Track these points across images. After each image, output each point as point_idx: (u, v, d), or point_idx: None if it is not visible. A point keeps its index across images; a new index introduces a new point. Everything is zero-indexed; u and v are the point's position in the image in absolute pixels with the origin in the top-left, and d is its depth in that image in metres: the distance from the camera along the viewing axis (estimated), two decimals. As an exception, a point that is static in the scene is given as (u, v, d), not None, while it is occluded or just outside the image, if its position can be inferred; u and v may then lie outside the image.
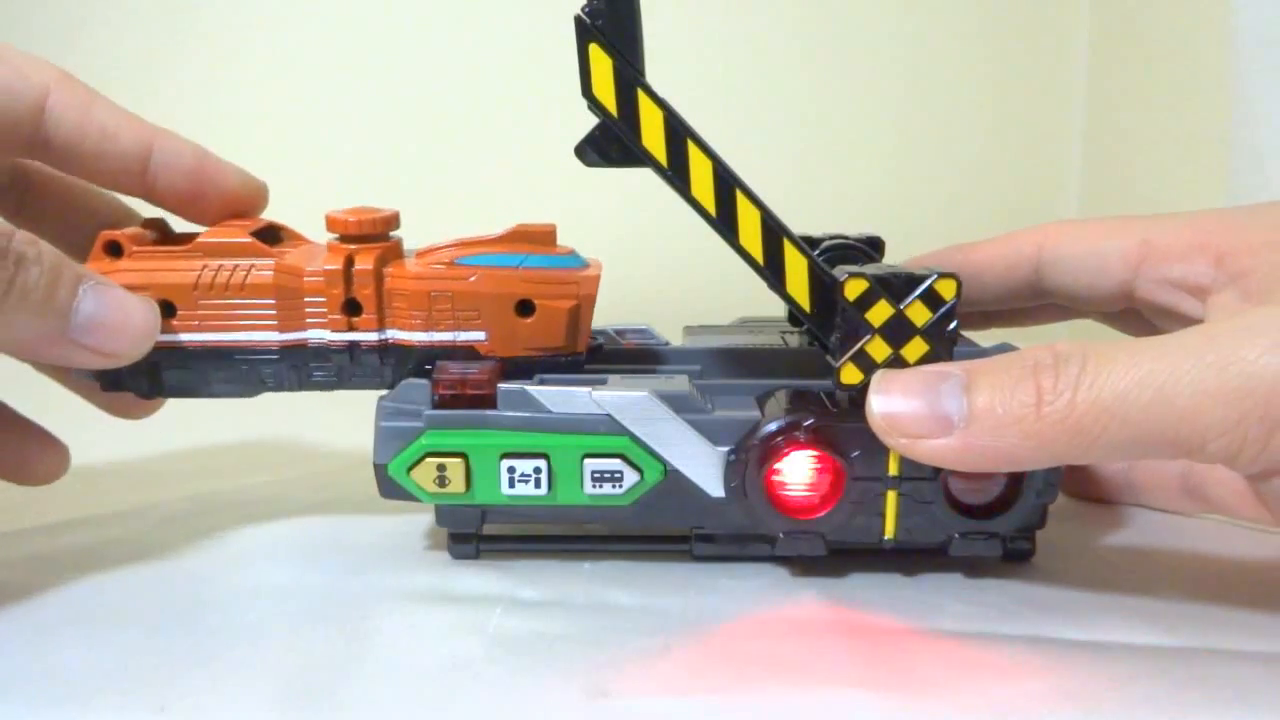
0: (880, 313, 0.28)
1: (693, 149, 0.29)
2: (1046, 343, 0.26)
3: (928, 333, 0.28)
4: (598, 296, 0.32)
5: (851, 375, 0.29)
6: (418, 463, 0.30)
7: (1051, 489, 0.30)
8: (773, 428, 0.30)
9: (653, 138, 0.29)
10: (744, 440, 0.30)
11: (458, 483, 0.31)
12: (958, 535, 0.30)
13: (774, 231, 0.29)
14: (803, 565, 0.32)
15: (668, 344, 0.36)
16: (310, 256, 0.32)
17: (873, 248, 0.35)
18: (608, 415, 0.30)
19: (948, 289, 0.28)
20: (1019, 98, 0.84)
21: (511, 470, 0.30)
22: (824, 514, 0.30)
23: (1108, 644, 0.27)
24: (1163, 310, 0.33)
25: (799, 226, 0.31)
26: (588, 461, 0.30)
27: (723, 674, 0.26)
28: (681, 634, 0.28)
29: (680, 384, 0.31)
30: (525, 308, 0.31)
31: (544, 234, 0.32)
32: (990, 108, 0.84)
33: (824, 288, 0.29)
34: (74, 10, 0.81)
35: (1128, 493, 0.37)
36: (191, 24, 0.81)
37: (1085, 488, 0.37)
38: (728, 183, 0.29)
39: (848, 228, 0.36)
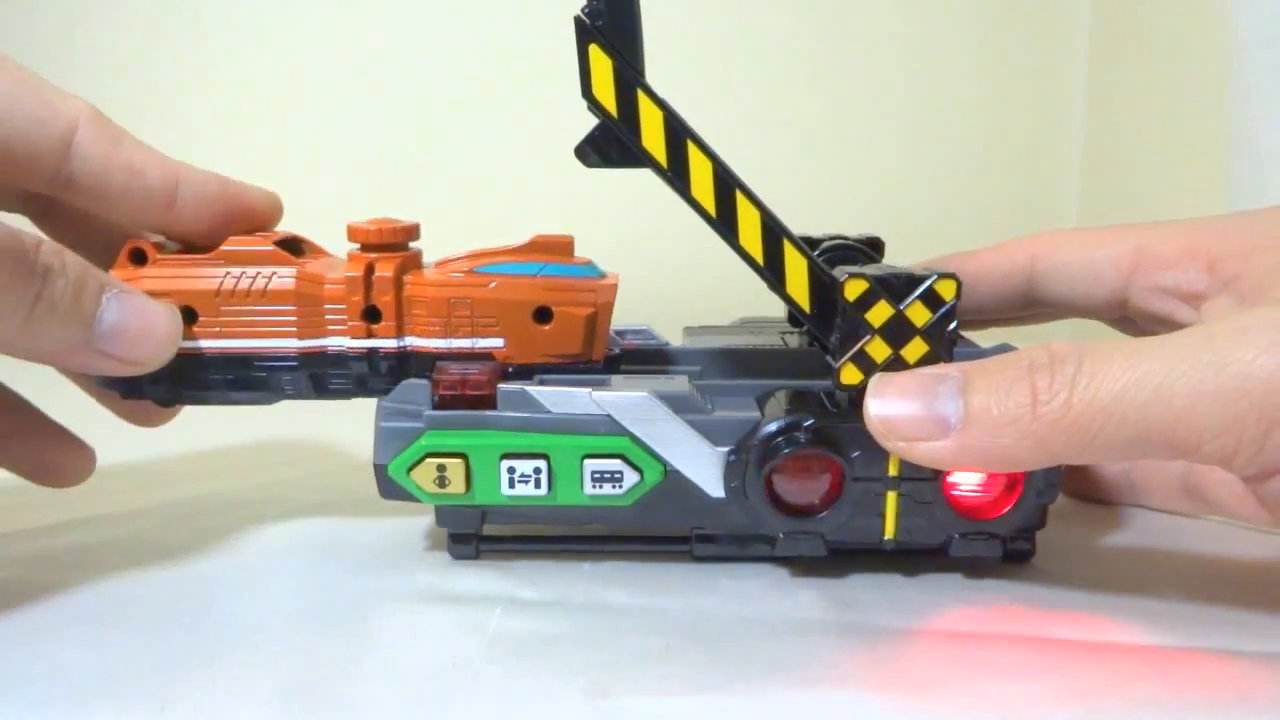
0: (880, 313, 0.28)
1: (693, 150, 0.29)
2: (1047, 342, 0.26)
3: (928, 333, 0.28)
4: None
5: (851, 375, 0.29)
6: (418, 463, 0.31)
7: (1051, 489, 0.30)
8: (773, 428, 0.30)
9: (653, 138, 0.29)
10: (744, 440, 0.30)
11: (458, 483, 0.31)
12: (958, 536, 0.30)
13: (774, 232, 0.29)
14: (803, 565, 0.32)
15: (667, 344, 0.36)
16: (331, 266, 0.32)
17: (873, 248, 0.35)
18: (608, 415, 0.30)
19: (947, 289, 0.28)
20: (1019, 97, 0.84)
21: (511, 471, 0.30)
22: (824, 514, 0.30)
23: (1108, 644, 0.27)
24: (1157, 318, 0.33)
25: (799, 227, 0.31)
26: (588, 462, 0.30)
27: (723, 674, 0.26)
28: (681, 634, 0.28)
29: (680, 384, 0.31)
30: (543, 315, 0.32)
31: (562, 244, 0.32)
32: (990, 108, 0.84)
33: (824, 288, 0.30)
34: (74, 11, 0.81)
35: (1128, 493, 0.37)
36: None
37: (1085, 488, 0.37)
38: (728, 183, 0.29)
39: (848, 228, 0.36)
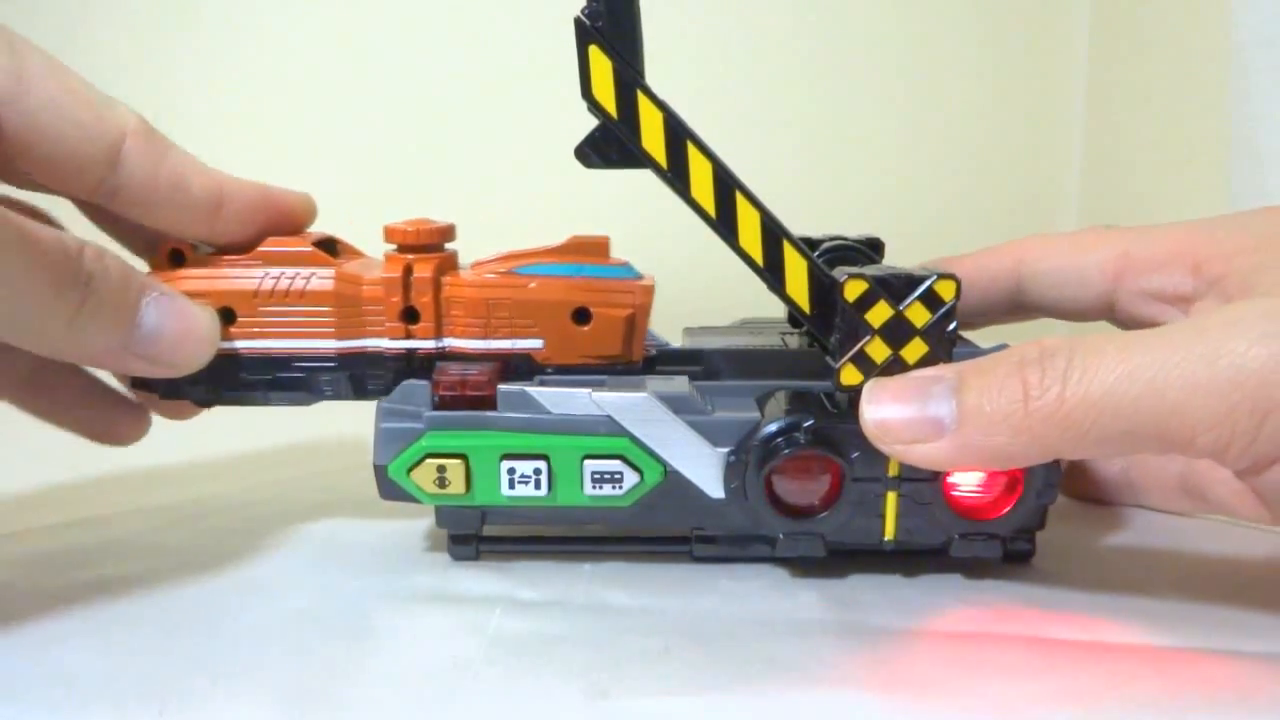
0: (880, 314, 0.28)
1: (692, 150, 0.29)
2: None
3: (927, 334, 0.28)
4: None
5: (851, 376, 0.29)
6: (418, 464, 0.31)
7: (1051, 489, 0.30)
8: (772, 429, 0.30)
9: (652, 139, 0.29)
10: (744, 441, 0.30)
11: (458, 484, 0.31)
12: (958, 536, 0.30)
13: (774, 233, 0.29)
14: (803, 566, 0.32)
15: (667, 344, 0.36)
16: (368, 267, 0.32)
17: (872, 249, 0.35)
18: (607, 416, 0.30)
19: (947, 290, 0.28)
20: (1019, 97, 0.84)
21: (511, 471, 0.30)
22: (824, 515, 0.30)
23: (1108, 644, 0.27)
24: (1144, 322, 0.33)
25: (799, 228, 0.31)
26: (588, 462, 0.30)
27: (723, 674, 0.26)
28: (681, 634, 0.28)
29: (680, 385, 0.31)
30: (582, 316, 0.32)
31: (598, 245, 0.32)
32: (990, 108, 0.84)
33: (824, 289, 0.30)
34: (74, 11, 0.81)
35: (1127, 493, 0.37)
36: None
37: (1085, 488, 0.37)
38: (727, 184, 0.29)
39: (848, 229, 0.36)
